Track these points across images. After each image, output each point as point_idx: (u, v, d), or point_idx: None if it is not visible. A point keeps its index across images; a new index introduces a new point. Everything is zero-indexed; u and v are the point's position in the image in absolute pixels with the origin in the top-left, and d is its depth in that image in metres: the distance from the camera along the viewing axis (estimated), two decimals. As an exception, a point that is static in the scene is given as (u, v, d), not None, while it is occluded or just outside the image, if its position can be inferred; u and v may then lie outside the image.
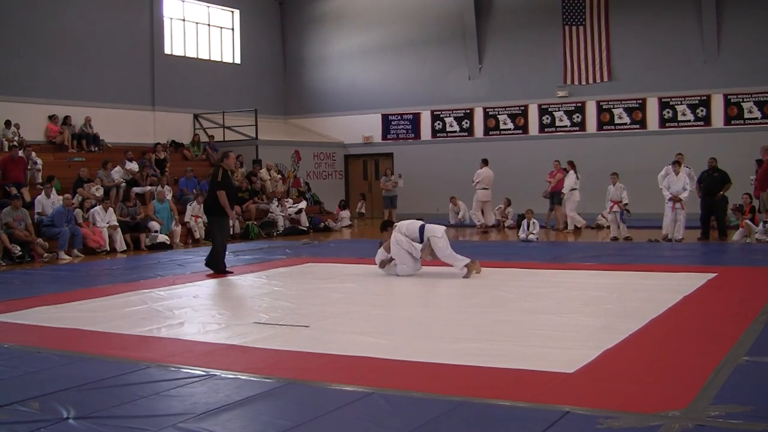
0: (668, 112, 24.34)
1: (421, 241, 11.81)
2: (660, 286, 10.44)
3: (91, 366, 6.56)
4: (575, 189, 20.69)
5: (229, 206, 12.79)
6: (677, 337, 7.26)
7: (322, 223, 23.38)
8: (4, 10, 21.58)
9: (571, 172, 20.87)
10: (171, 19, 26.39)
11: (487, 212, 21.93)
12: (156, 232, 18.40)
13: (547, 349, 6.75)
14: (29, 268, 14.73)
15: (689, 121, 24.10)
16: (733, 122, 23.55)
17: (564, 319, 8.13)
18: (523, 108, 26.35)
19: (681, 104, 24.18)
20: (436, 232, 11.79)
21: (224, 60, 28.42)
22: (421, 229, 11.84)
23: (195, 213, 19.72)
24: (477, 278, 11.51)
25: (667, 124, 24.37)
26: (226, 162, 13.22)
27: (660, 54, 24.24)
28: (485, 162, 21.90)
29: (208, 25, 27.89)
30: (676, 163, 17.48)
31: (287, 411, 5.26)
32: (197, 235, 19.56)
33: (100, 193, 18.87)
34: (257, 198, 22.77)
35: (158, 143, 23.48)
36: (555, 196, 21.11)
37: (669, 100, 24.30)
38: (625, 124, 24.92)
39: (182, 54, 26.78)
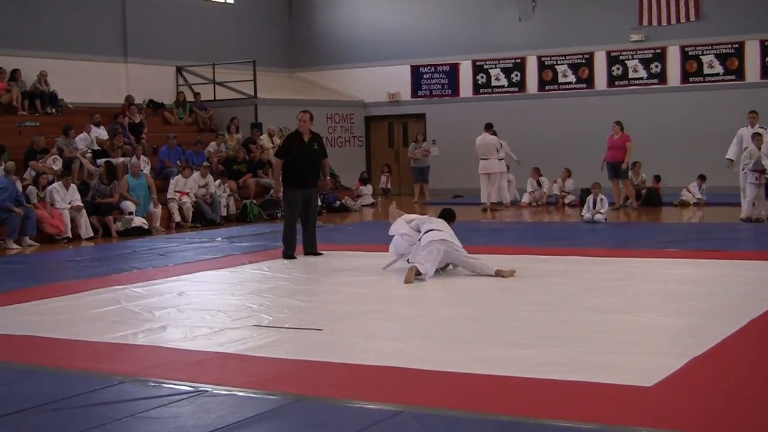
0: (773, 59, 24.14)
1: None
2: (761, 278, 10.39)
3: (51, 382, 6.60)
4: (502, 159, 21.94)
5: (279, 180, 13.29)
6: (783, 342, 7.22)
7: (338, 202, 23.42)
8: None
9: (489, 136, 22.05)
10: (147, -52, 26.38)
11: (493, 186, 22.03)
12: (131, 214, 18.44)
13: (619, 356, 6.74)
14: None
15: (802, 69, 23.90)
16: None
17: (640, 319, 8.12)
18: (587, 56, 26.17)
19: (791, 48, 23.98)
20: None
21: (214, -1, 28.44)
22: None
23: (180, 188, 19.78)
24: (531, 269, 11.42)
25: (771, 74, 24.17)
26: (299, 125, 13.38)
27: (762, -17, 23.99)
28: (487, 127, 22.06)
29: (193, -45, 27.89)
30: None
31: (294, 435, 5.28)
32: (177, 218, 19.64)
33: (58, 166, 18.81)
34: (260, 172, 22.81)
35: (132, 104, 23.49)
36: (617, 169, 20.79)
37: (774, 43, 24.10)
38: (717, 74, 24.67)
39: (161, -8, 26.78)
